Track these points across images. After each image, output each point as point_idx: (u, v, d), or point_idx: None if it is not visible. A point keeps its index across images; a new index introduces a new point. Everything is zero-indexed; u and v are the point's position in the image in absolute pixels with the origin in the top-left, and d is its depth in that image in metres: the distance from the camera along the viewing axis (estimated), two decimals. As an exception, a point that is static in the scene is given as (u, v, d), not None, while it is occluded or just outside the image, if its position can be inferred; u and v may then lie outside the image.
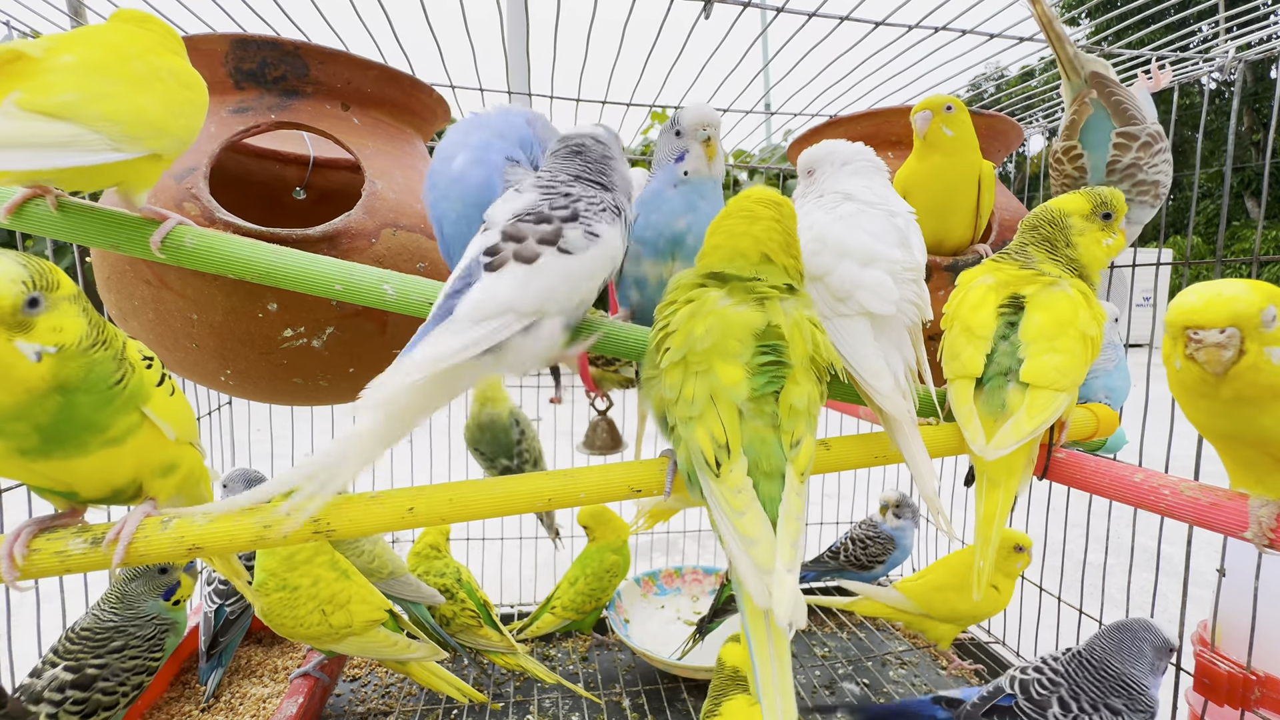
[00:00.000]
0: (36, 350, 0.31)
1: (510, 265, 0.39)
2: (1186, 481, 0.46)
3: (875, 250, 0.47)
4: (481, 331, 0.36)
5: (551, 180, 0.45)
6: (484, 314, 0.37)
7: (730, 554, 0.34)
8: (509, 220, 0.41)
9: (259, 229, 0.54)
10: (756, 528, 0.33)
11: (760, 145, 1.25)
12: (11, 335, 0.30)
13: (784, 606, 0.31)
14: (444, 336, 0.36)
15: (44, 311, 0.32)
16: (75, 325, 0.33)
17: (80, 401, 0.33)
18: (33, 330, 0.31)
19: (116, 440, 0.36)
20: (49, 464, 0.35)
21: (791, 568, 0.32)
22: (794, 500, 0.34)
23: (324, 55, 0.61)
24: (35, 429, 0.33)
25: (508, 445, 0.92)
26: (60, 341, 0.32)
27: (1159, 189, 0.64)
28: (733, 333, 0.37)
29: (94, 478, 0.37)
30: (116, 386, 0.35)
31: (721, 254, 0.42)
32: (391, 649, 0.75)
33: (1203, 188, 8.36)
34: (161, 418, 0.38)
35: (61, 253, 3.17)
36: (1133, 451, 0.82)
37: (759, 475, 0.35)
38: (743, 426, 0.36)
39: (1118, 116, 0.63)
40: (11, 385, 0.31)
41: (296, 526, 0.37)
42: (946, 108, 0.63)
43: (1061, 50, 0.64)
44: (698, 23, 0.69)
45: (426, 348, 0.35)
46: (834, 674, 0.97)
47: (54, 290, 0.32)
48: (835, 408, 0.67)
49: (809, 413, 0.37)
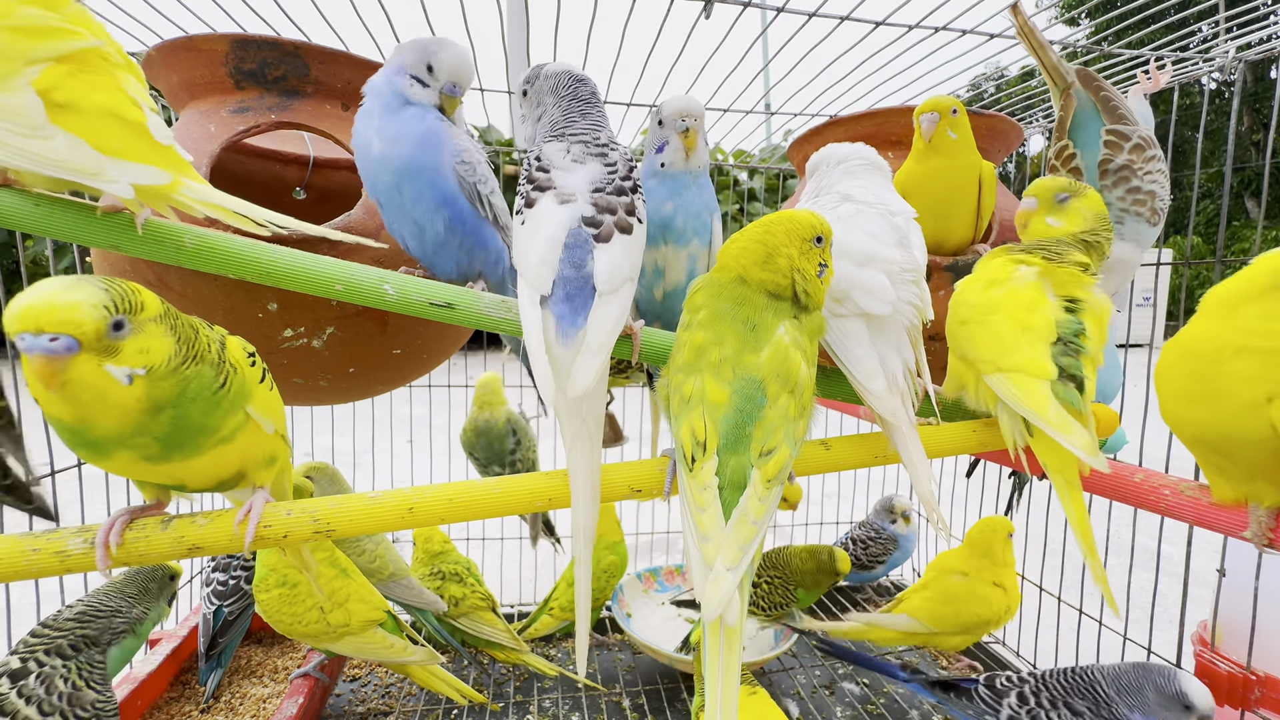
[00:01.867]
0: (127, 374, 0.32)
1: (617, 236, 0.43)
2: (1186, 481, 0.46)
3: (872, 250, 0.47)
4: (625, 295, 0.42)
5: (597, 141, 0.49)
6: (617, 283, 0.42)
7: (686, 546, 0.37)
8: (591, 192, 0.45)
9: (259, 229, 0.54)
10: (712, 525, 0.35)
11: (760, 145, 1.25)
12: (101, 360, 0.31)
13: (712, 602, 0.33)
14: (603, 310, 0.41)
15: (130, 335, 0.32)
16: (162, 346, 0.33)
17: (191, 411, 0.35)
18: (120, 354, 0.32)
19: (227, 439, 0.37)
20: (170, 465, 0.36)
21: (732, 567, 0.33)
22: (753, 504, 0.35)
23: (324, 55, 0.61)
24: (156, 440, 0.34)
25: (501, 453, 0.92)
26: (149, 363, 0.32)
27: (1155, 202, 0.60)
28: (726, 357, 0.39)
29: (205, 473, 0.39)
30: (221, 391, 0.36)
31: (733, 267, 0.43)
32: (389, 651, 0.75)
33: (1203, 188, 8.35)
34: (262, 415, 0.39)
35: (61, 253, 3.18)
36: (1133, 451, 0.82)
37: (725, 478, 0.36)
38: (720, 428, 0.37)
39: (1107, 113, 0.61)
40: (109, 409, 0.32)
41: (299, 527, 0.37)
42: (953, 111, 0.63)
43: (1045, 57, 0.64)
44: (698, 23, 0.69)
45: (597, 325, 0.40)
46: (834, 674, 0.97)
47: (139, 312, 0.33)
48: (835, 408, 0.67)
49: (786, 424, 0.38)
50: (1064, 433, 0.41)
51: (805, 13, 0.71)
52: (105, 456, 0.34)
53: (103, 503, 0.80)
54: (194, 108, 0.62)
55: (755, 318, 0.40)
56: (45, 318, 0.30)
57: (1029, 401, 0.43)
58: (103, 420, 0.32)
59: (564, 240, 0.42)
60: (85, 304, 0.30)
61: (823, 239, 0.42)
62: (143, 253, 0.42)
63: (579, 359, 0.39)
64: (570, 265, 0.42)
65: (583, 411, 0.41)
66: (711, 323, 0.40)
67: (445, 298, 0.45)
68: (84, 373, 0.31)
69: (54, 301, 0.30)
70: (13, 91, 0.34)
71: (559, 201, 0.44)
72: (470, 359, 1.34)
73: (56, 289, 0.31)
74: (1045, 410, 0.43)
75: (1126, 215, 0.61)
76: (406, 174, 0.51)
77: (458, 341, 0.74)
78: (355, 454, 1.28)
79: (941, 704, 0.72)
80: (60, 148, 0.35)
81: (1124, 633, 0.88)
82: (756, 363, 0.38)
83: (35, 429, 0.69)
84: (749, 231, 0.42)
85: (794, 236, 0.41)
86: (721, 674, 0.34)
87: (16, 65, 0.35)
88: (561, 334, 0.40)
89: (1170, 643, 0.83)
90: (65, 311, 0.30)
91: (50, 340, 0.29)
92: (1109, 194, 0.61)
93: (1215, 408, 0.40)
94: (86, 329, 0.30)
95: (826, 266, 0.42)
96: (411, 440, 1.43)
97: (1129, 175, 0.60)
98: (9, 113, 0.34)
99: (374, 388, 0.70)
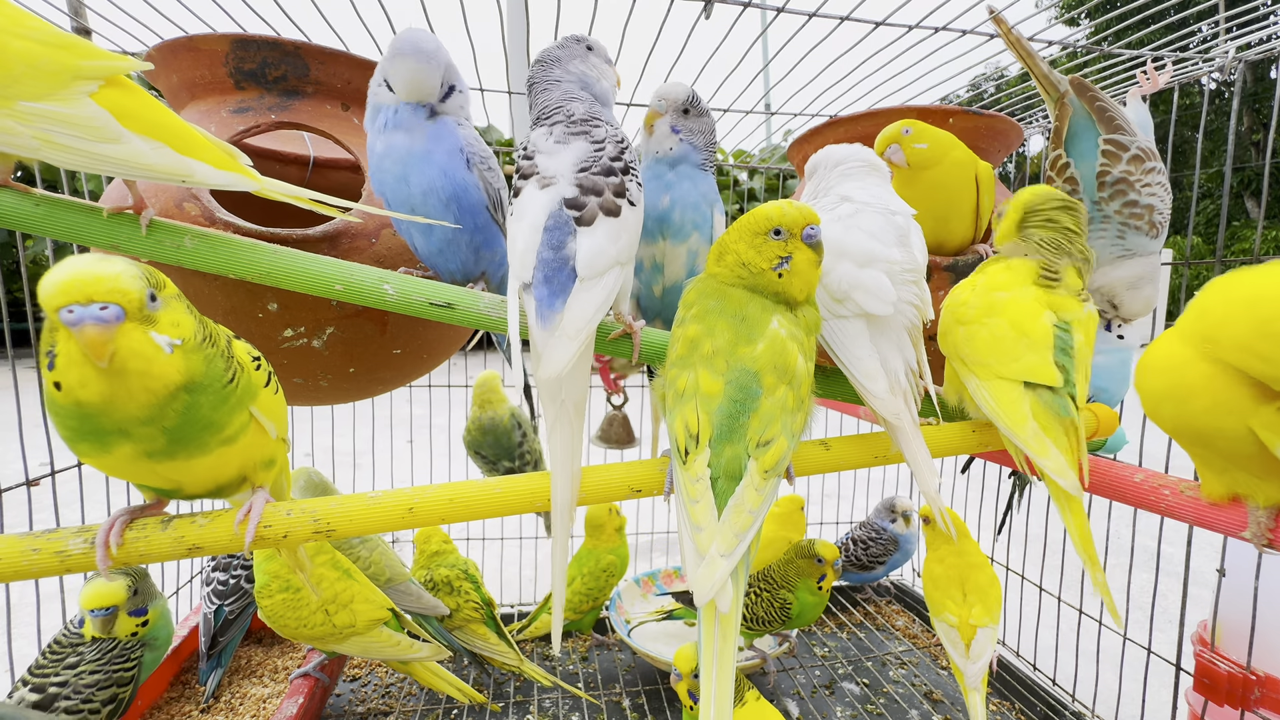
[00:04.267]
0: (169, 342, 0.32)
1: (601, 219, 0.42)
2: (1186, 481, 0.46)
3: (873, 250, 0.47)
4: (609, 282, 0.40)
5: (578, 117, 0.47)
6: (599, 268, 0.40)
7: (680, 537, 0.37)
8: (575, 172, 0.43)
9: (259, 229, 0.54)
10: (705, 516, 0.35)
11: (760, 145, 1.25)
12: (146, 328, 0.31)
13: (704, 585, 0.33)
14: (583, 295, 0.39)
15: (161, 307, 0.33)
16: (188, 321, 0.34)
17: (202, 402, 0.34)
18: (159, 324, 0.32)
19: (231, 439, 0.37)
20: (171, 464, 0.36)
21: (727, 554, 0.34)
22: (750, 494, 0.35)
23: (324, 55, 0.61)
24: (163, 431, 0.34)
25: (510, 447, 0.92)
26: (182, 335, 0.33)
27: (1154, 215, 0.59)
28: (719, 349, 0.39)
29: (206, 475, 0.38)
30: (230, 385, 0.36)
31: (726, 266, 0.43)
32: (395, 649, 0.75)
33: (1203, 188, 8.35)
34: (267, 417, 0.39)
35: (62, 253, 3.18)
36: (1133, 451, 0.82)
37: (720, 469, 0.36)
38: (714, 419, 0.37)
39: (1103, 123, 0.60)
40: (152, 381, 0.32)
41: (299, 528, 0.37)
42: (904, 130, 0.62)
43: (1035, 67, 0.64)
44: (698, 23, 0.69)
45: (575, 310, 0.39)
46: (834, 674, 0.97)
47: (163, 289, 0.33)
48: (835, 408, 0.67)
49: (784, 415, 0.38)
50: (1038, 454, 0.43)
51: (805, 13, 0.71)
52: (107, 450, 0.34)
53: (103, 503, 0.80)
54: (194, 108, 0.62)
55: (741, 310, 0.40)
56: (93, 288, 0.30)
57: (1007, 418, 0.44)
58: (139, 395, 0.32)
59: (544, 224, 0.42)
60: (126, 274, 0.31)
61: (782, 231, 0.41)
62: (143, 252, 0.42)
63: (553, 341, 0.38)
64: (548, 247, 0.41)
65: (561, 395, 0.40)
66: (703, 317, 0.40)
67: (445, 298, 0.45)
68: (132, 340, 0.31)
69: (99, 272, 0.30)
70: (70, 102, 0.35)
71: (540, 187, 0.43)
72: (470, 359, 1.34)
73: (94, 262, 0.31)
74: (1022, 429, 0.44)
75: (1127, 230, 0.59)
76: (416, 168, 0.51)
77: (458, 341, 0.74)
78: (355, 454, 1.28)
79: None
80: (144, 151, 0.37)
81: (1124, 633, 0.88)
82: (752, 354, 0.38)
83: (35, 429, 0.69)
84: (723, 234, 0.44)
85: (744, 231, 0.42)
86: (716, 662, 0.34)
87: (65, 79, 0.36)
88: (540, 317, 0.39)
89: (1170, 642, 0.83)
90: (111, 281, 0.30)
91: (101, 309, 0.29)
92: (1107, 206, 0.60)
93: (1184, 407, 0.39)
94: (132, 297, 0.30)
95: (788, 259, 0.41)
96: (411, 440, 1.43)
97: (1126, 188, 0.59)
98: (76, 123, 0.35)
99: (374, 388, 0.70)
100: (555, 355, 0.38)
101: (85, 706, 0.63)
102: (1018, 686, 0.93)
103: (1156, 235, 0.60)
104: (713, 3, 0.66)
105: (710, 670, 0.34)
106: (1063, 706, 0.87)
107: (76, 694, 0.63)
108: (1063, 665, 0.98)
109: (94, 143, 0.36)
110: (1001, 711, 0.90)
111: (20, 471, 0.68)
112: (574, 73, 0.52)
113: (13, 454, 2.14)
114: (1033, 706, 0.90)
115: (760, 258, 0.41)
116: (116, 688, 0.65)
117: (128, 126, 0.37)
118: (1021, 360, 0.45)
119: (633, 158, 0.46)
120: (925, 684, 0.95)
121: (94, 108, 0.36)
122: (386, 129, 0.52)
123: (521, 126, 1.18)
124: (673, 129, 0.56)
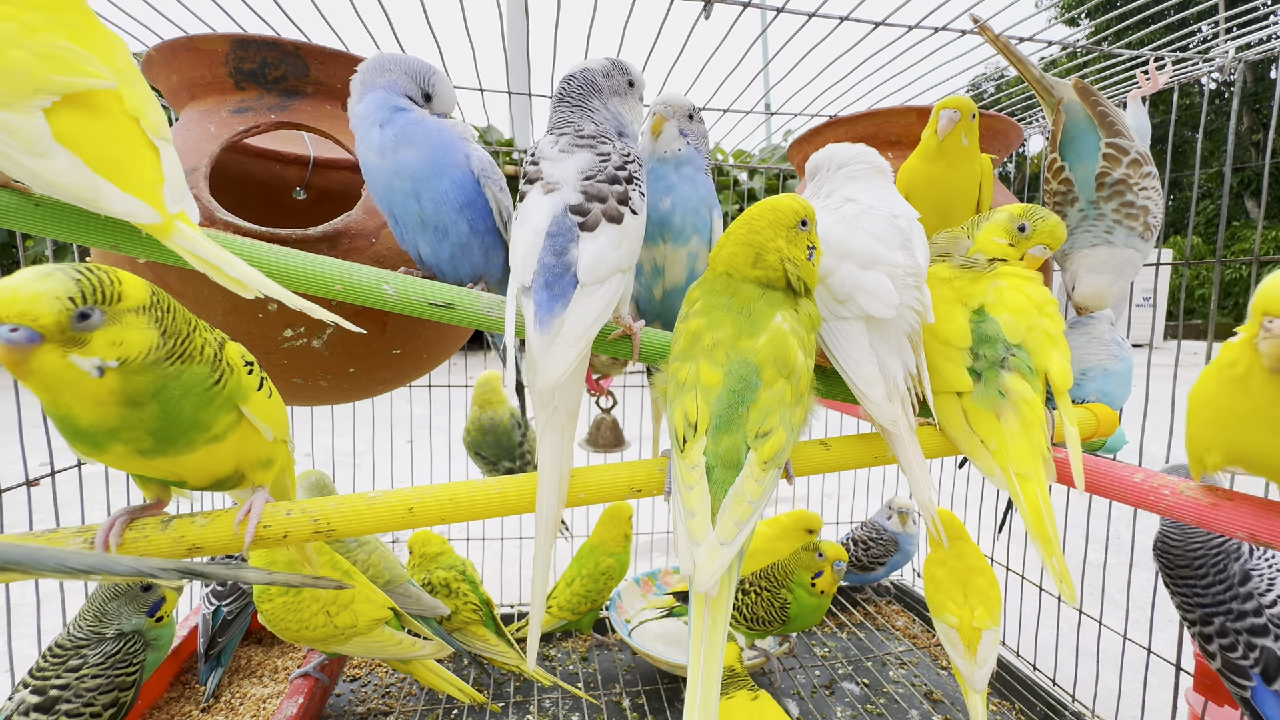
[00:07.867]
0: (97, 365, 0.31)
1: (604, 225, 0.42)
2: (1186, 481, 0.46)
3: (876, 253, 0.46)
4: (610, 289, 0.41)
5: (585, 133, 0.48)
6: (602, 274, 0.41)
7: (674, 523, 0.37)
8: (581, 180, 0.44)
9: (259, 229, 0.54)
10: (698, 503, 0.35)
11: (760, 145, 1.25)
12: (66, 351, 0.31)
13: (705, 572, 0.33)
14: (584, 302, 0.40)
15: (101, 325, 0.32)
16: (140, 338, 0.33)
17: (183, 405, 0.35)
18: (88, 345, 0.31)
19: (219, 437, 0.37)
20: (164, 460, 0.36)
21: (727, 542, 0.34)
22: (749, 485, 0.35)
23: (324, 55, 0.61)
24: (148, 433, 0.34)
25: (510, 447, 0.92)
26: (122, 355, 0.32)
27: (1148, 217, 0.61)
28: (720, 341, 0.39)
29: (201, 470, 0.39)
30: (215, 388, 0.36)
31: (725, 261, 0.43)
32: (397, 648, 0.75)
33: (1203, 188, 8.35)
34: (260, 419, 0.40)
35: (62, 253, 3.17)
36: (1133, 451, 0.82)
37: (718, 458, 0.36)
38: (713, 409, 0.37)
39: (1103, 128, 0.62)
40: (81, 400, 0.32)
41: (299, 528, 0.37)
42: (972, 115, 0.62)
43: (1028, 73, 0.64)
44: (698, 23, 0.69)
45: (576, 317, 0.39)
46: (834, 674, 0.97)
47: (115, 303, 0.32)
48: (835, 408, 0.67)
49: (783, 408, 0.38)
50: (972, 455, 0.46)
51: (805, 13, 0.71)
52: (100, 449, 0.34)
53: (103, 503, 0.80)
54: (194, 108, 0.62)
55: (750, 306, 0.40)
56: (7, 308, 0.29)
57: (949, 429, 0.47)
58: (79, 411, 0.32)
59: (547, 229, 0.42)
60: (47, 295, 0.30)
61: (807, 222, 0.42)
62: (142, 253, 0.42)
63: (552, 348, 0.38)
64: (551, 252, 0.41)
65: (554, 401, 0.40)
66: (707, 312, 0.41)
67: (445, 298, 0.45)
68: (47, 363, 0.30)
69: (16, 293, 0.30)
70: (24, 113, 0.35)
71: (545, 192, 0.44)
72: (470, 359, 1.34)
73: (25, 279, 0.30)
74: (957, 433, 0.46)
75: (1118, 226, 0.62)
76: (426, 180, 0.51)
77: (458, 341, 0.74)
78: (355, 454, 1.28)
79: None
80: (60, 168, 0.35)
81: (1124, 633, 0.88)
82: (753, 347, 0.38)
83: (35, 429, 0.69)
84: (735, 233, 0.42)
85: (779, 227, 0.41)
86: (705, 647, 0.34)
87: (28, 91, 0.35)
88: (538, 321, 0.40)
89: (1170, 642, 0.83)
90: (24, 304, 0.30)
91: (10, 331, 0.29)
92: (1104, 205, 0.62)
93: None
94: (45, 321, 0.30)
95: (815, 248, 0.42)
96: (411, 440, 1.43)
97: (1125, 189, 0.61)
98: (15, 133, 0.35)
99: (374, 388, 0.70)
100: (554, 362, 0.38)
101: (87, 710, 0.62)
102: (1018, 686, 0.93)
103: (1148, 238, 0.62)
104: (712, 3, 0.66)
105: (699, 652, 0.34)
106: (1063, 706, 0.87)
107: (78, 697, 0.62)
108: (1063, 665, 0.98)
109: (22, 154, 0.34)
110: (1001, 711, 0.90)
111: (20, 471, 0.68)
112: (612, 111, 0.53)
113: (13, 454, 2.14)
114: (1033, 706, 0.90)
115: (799, 250, 0.41)
116: (118, 691, 0.65)
117: (64, 143, 0.35)
118: (941, 375, 0.48)
119: (637, 169, 0.47)
120: (925, 684, 0.95)
121: (38, 121, 0.35)
122: (398, 142, 0.51)
123: (522, 126, 1.18)
124: (681, 132, 0.57)
